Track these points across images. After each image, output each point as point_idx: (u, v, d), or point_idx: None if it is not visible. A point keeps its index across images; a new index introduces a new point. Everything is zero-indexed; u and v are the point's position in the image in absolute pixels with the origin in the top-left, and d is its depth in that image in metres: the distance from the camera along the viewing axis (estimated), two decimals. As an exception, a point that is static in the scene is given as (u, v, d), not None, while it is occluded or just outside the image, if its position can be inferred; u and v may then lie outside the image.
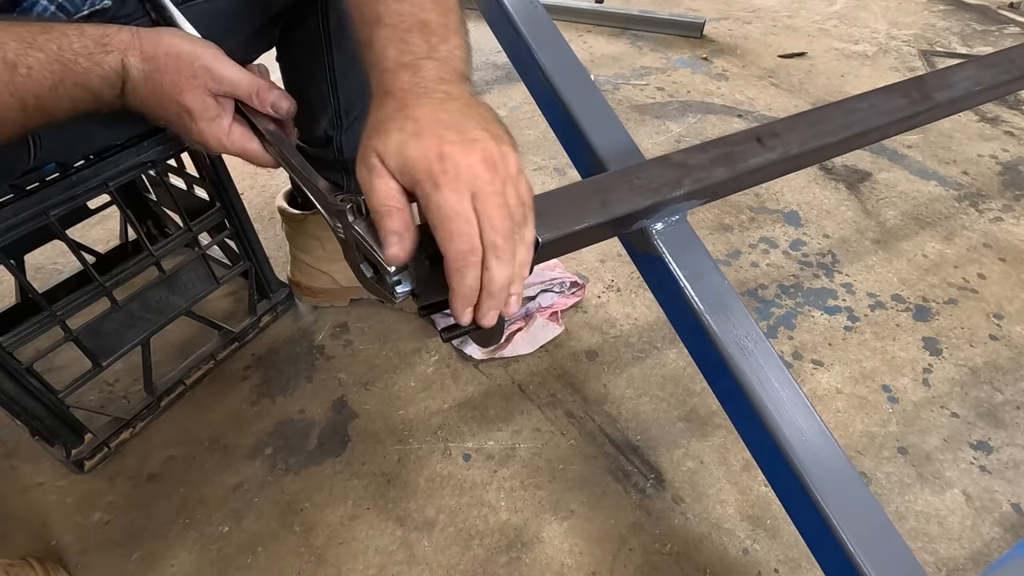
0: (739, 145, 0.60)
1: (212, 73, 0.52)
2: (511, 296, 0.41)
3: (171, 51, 0.50)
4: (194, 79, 0.51)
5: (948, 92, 0.71)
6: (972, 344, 1.01)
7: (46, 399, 0.78)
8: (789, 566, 0.75)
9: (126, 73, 0.49)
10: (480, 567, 0.76)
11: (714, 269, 0.58)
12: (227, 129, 0.55)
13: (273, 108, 0.54)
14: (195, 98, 0.52)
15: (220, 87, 0.53)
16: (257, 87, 0.54)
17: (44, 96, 0.46)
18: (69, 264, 1.16)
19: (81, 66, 0.47)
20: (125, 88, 0.50)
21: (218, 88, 0.52)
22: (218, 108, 0.54)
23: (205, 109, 0.53)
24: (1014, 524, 0.79)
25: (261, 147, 0.57)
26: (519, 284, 0.42)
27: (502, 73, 1.75)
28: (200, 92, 0.52)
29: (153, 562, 0.77)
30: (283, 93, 0.55)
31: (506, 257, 0.39)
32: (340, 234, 0.47)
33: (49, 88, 0.46)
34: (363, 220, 0.45)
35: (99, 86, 0.49)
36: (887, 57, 1.82)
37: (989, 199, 1.30)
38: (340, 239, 0.48)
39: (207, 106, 0.53)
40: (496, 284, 0.40)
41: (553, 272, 1.07)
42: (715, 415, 0.91)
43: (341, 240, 0.48)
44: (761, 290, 1.11)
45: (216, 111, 0.53)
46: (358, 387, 0.96)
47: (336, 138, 0.91)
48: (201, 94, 0.52)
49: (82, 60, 0.47)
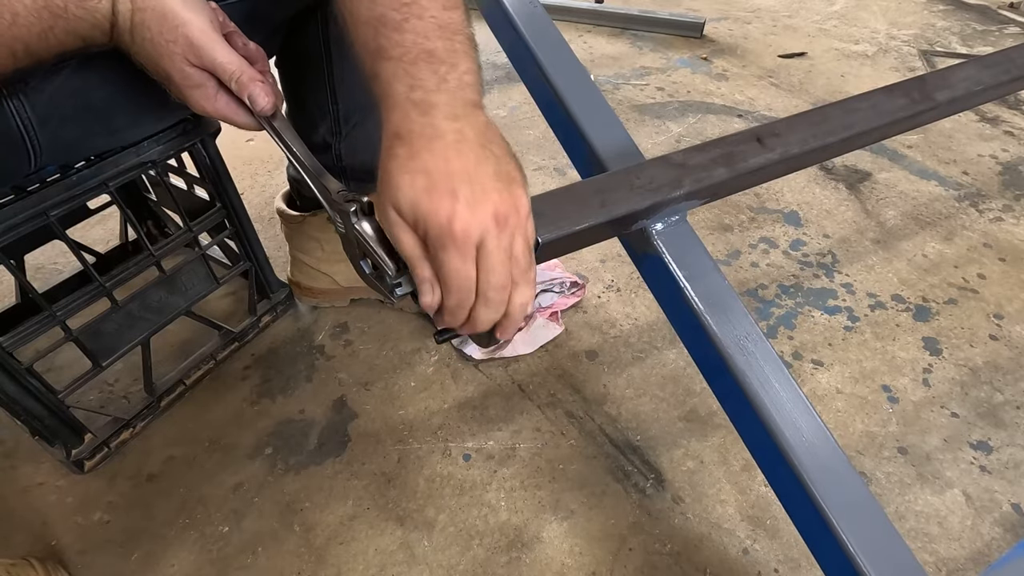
0: (739, 145, 0.60)
1: (193, 46, 0.48)
2: (505, 325, 0.45)
3: (158, 8, 0.47)
4: (174, 45, 0.48)
5: (948, 92, 0.71)
6: (972, 344, 1.01)
7: (46, 399, 0.78)
8: (789, 566, 0.75)
9: (115, 18, 0.47)
10: (480, 567, 0.76)
11: (714, 269, 0.58)
12: (212, 96, 0.52)
13: (250, 100, 0.51)
14: (173, 66, 0.49)
15: (200, 62, 0.50)
16: (239, 73, 0.50)
17: (33, 43, 0.44)
18: (69, 264, 1.16)
19: (72, 13, 0.44)
20: (113, 32, 0.48)
21: (198, 63, 0.50)
22: (201, 76, 0.51)
23: (185, 77, 0.50)
24: (1014, 524, 0.79)
25: (251, 117, 0.54)
26: (510, 321, 0.45)
27: (502, 73, 1.75)
28: (180, 60, 0.49)
29: (153, 562, 0.77)
30: (266, 87, 0.52)
31: (494, 305, 0.42)
32: (340, 228, 0.47)
33: (38, 35, 0.44)
34: (367, 220, 0.45)
35: (89, 31, 0.46)
36: (887, 57, 1.82)
37: (989, 199, 1.30)
38: (340, 233, 0.48)
39: (186, 75, 0.50)
40: (480, 325, 0.44)
41: (553, 272, 1.07)
42: (715, 415, 0.91)
43: (341, 234, 0.48)
44: (761, 290, 1.11)
45: (199, 79, 0.51)
46: (358, 387, 0.96)
47: (335, 145, 0.92)
48: (180, 62, 0.49)
49: (72, 6, 0.44)
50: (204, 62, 0.50)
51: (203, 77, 0.51)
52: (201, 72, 0.51)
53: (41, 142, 0.59)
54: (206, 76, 0.51)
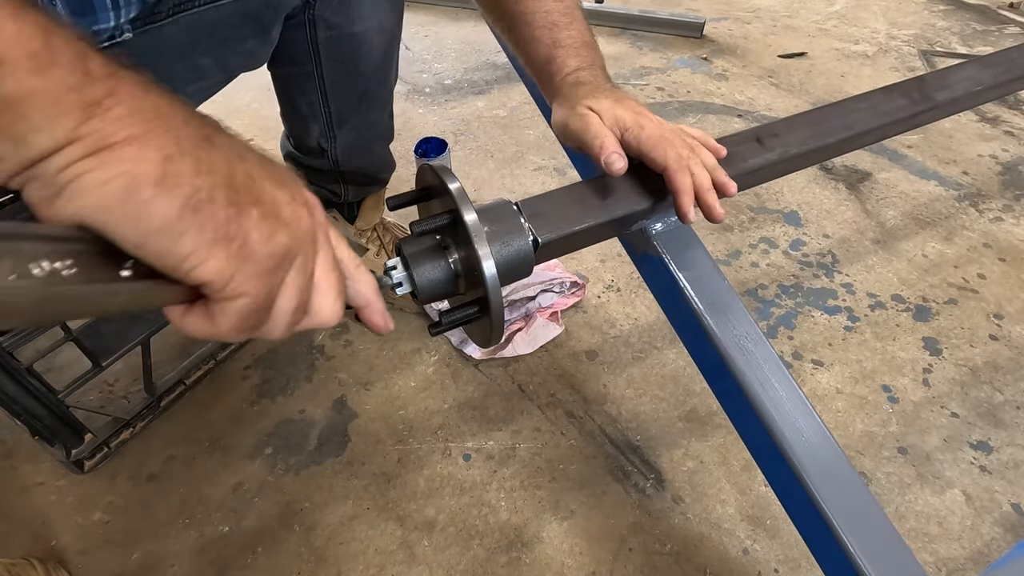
0: (739, 145, 0.60)
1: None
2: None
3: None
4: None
5: (948, 92, 0.71)
6: (972, 344, 1.01)
7: (46, 399, 0.78)
8: (789, 566, 0.75)
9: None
10: (480, 567, 0.76)
11: (714, 269, 0.58)
12: None
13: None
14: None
15: None
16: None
17: None
18: (69, 264, 1.16)
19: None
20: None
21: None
22: None
23: None
24: (1014, 524, 0.79)
25: None
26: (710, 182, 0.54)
27: (502, 73, 1.75)
28: None
29: (153, 562, 0.77)
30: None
31: (696, 160, 0.54)
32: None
33: None
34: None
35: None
36: (887, 57, 1.82)
37: (989, 199, 1.30)
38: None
39: None
40: (700, 177, 0.53)
41: (553, 272, 1.07)
42: (715, 415, 0.91)
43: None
44: (761, 290, 1.11)
45: None
46: (358, 387, 0.96)
47: (330, 150, 0.93)
48: None
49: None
50: None
51: None
52: None
53: None
54: None
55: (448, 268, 0.45)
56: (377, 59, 0.86)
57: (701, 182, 0.53)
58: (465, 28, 2.01)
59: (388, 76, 0.91)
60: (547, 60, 0.61)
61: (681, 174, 0.52)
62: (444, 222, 0.45)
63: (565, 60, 0.60)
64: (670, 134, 0.54)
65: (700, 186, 0.52)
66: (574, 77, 0.59)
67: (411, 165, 1.31)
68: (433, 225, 0.45)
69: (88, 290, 0.23)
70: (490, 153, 1.45)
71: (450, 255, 0.45)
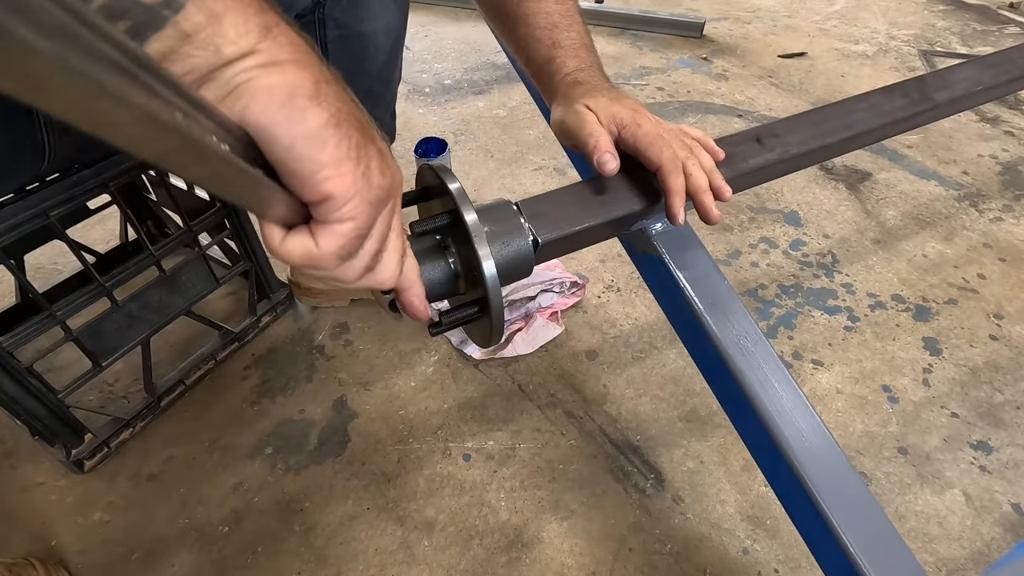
0: (739, 145, 0.60)
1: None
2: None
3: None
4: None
5: (948, 92, 0.71)
6: (972, 344, 1.01)
7: (46, 399, 0.78)
8: (789, 566, 0.75)
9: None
10: (480, 567, 0.76)
11: (714, 269, 0.58)
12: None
13: None
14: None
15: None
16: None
17: None
18: (69, 264, 1.16)
19: None
20: None
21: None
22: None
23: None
24: (1014, 524, 0.79)
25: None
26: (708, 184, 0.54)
27: (502, 73, 1.75)
28: None
29: (153, 562, 0.77)
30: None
31: (694, 162, 0.53)
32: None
33: None
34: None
35: None
36: (887, 57, 1.82)
37: (989, 199, 1.30)
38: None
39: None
40: (696, 179, 0.53)
41: (553, 272, 1.07)
42: (715, 415, 0.91)
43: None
44: (761, 290, 1.11)
45: None
46: (358, 387, 0.96)
47: None
48: None
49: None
50: None
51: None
52: None
53: (58, 148, 0.62)
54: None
55: (448, 268, 0.45)
56: (382, 59, 0.86)
57: (698, 183, 0.52)
58: (465, 28, 2.01)
59: (392, 76, 0.91)
60: (547, 60, 0.61)
61: (675, 174, 0.52)
62: (444, 222, 0.45)
63: (564, 60, 0.61)
64: (667, 134, 0.54)
65: (697, 187, 0.52)
66: (573, 77, 0.60)
67: (411, 165, 1.31)
68: (433, 225, 0.45)
69: (230, 157, 0.25)
70: (490, 153, 1.45)
71: (450, 255, 0.45)
